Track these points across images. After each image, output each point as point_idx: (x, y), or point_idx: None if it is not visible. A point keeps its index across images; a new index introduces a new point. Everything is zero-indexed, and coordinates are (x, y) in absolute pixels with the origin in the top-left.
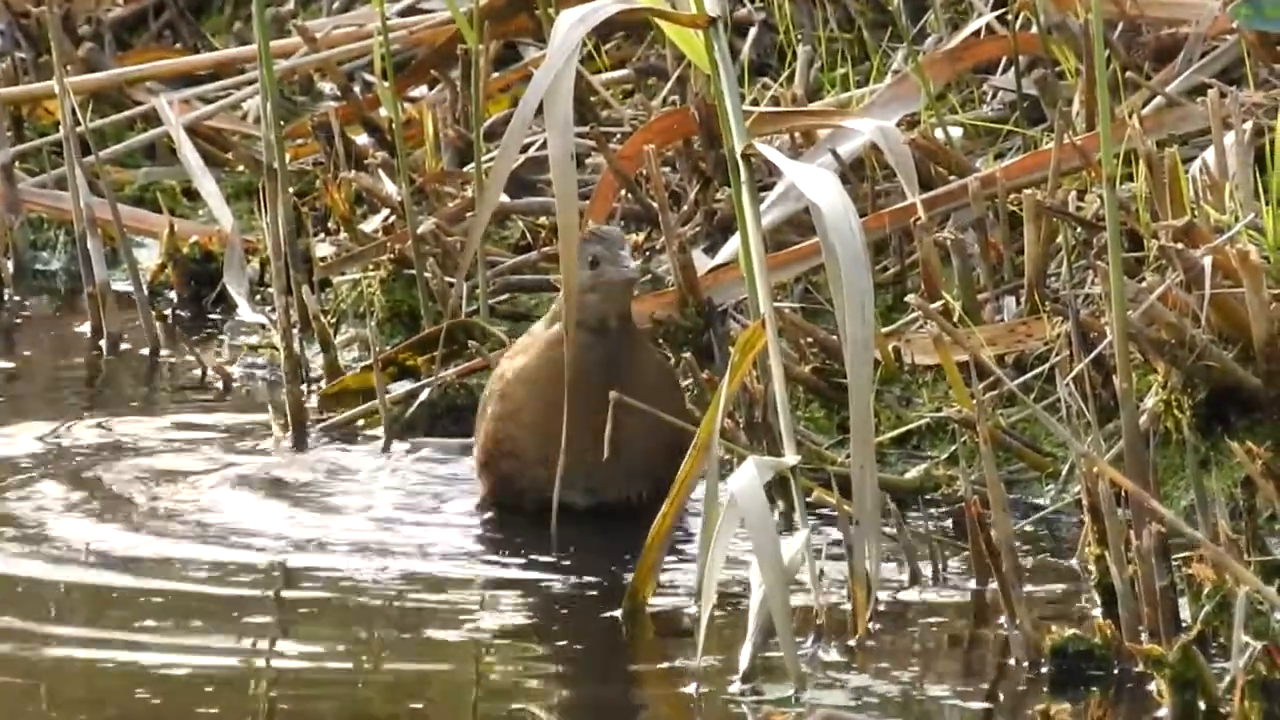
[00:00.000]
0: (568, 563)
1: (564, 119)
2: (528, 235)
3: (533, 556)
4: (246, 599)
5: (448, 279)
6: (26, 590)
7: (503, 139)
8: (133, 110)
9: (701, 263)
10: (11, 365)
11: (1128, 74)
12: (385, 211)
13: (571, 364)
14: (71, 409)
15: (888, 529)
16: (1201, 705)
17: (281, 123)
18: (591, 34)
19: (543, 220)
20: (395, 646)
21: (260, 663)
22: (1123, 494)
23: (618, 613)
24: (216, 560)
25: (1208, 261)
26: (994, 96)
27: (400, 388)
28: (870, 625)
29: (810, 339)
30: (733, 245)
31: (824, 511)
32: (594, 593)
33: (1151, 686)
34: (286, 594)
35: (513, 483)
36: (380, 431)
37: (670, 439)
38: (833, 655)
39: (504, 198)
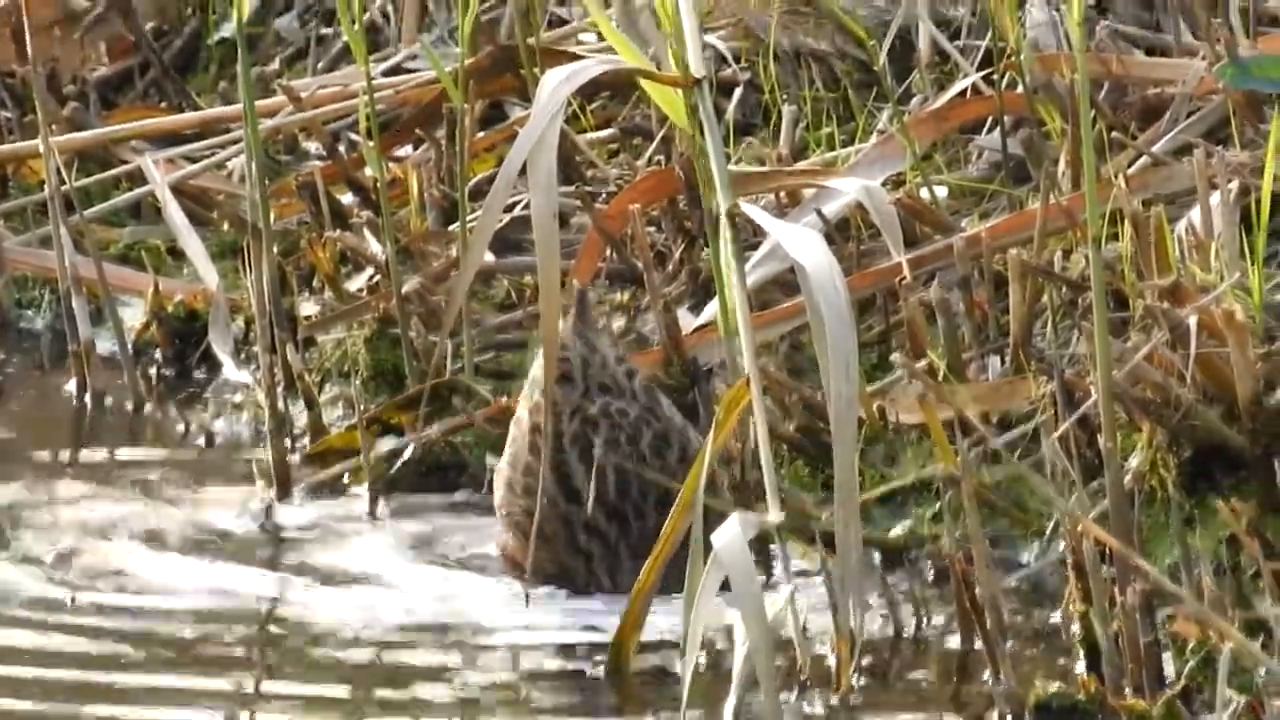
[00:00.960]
0: (552, 617)
1: (547, 178)
2: (513, 294)
3: (515, 615)
4: (228, 659)
5: (432, 338)
6: None
7: (486, 198)
8: (118, 169)
9: (686, 322)
10: None
11: (1113, 134)
12: (370, 270)
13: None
14: (54, 465)
15: (872, 586)
16: None
17: (266, 182)
18: (577, 94)
19: (528, 279)
20: (380, 704)
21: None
22: (1107, 551)
23: (602, 667)
24: (198, 619)
25: (1193, 321)
26: (979, 156)
27: (385, 445)
28: (854, 680)
29: (795, 397)
30: (717, 304)
31: (809, 568)
32: (579, 647)
33: None
34: (270, 652)
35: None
36: (365, 489)
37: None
38: (816, 709)
39: (489, 257)
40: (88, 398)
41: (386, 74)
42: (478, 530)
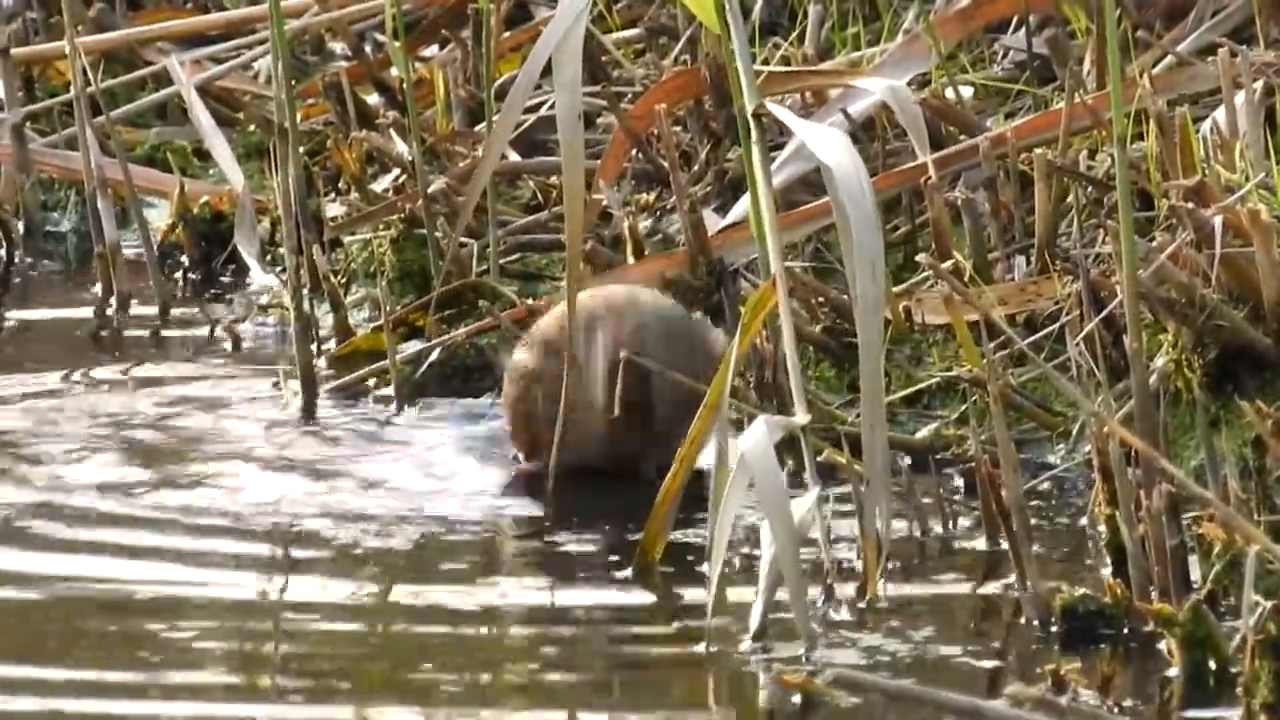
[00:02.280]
0: (578, 524)
1: (572, 78)
2: (539, 195)
3: (542, 519)
4: (252, 562)
5: (459, 239)
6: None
7: (508, 96)
8: (144, 70)
9: (712, 222)
10: (22, 323)
11: (1138, 33)
12: (396, 171)
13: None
14: (80, 366)
15: (898, 488)
16: (1212, 664)
17: (292, 83)
18: None
19: (554, 180)
20: (405, 611)
21: (268, 624)
22: (1133, 454)
23: (628, 572)
24: (220, 524)
25: (1218, 221)
26: (1005, 56)
27: (410, 348)
28: (881, 585)
29: (821, 298)
30: (744, 205)
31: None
32: (604, 553)
33: (1162, 646)
34: (295, 555)
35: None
36: (391, 391)
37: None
38: (844, 615)
39: (514, 157)
40: (113, 299)
41: None
42: (502, 432)
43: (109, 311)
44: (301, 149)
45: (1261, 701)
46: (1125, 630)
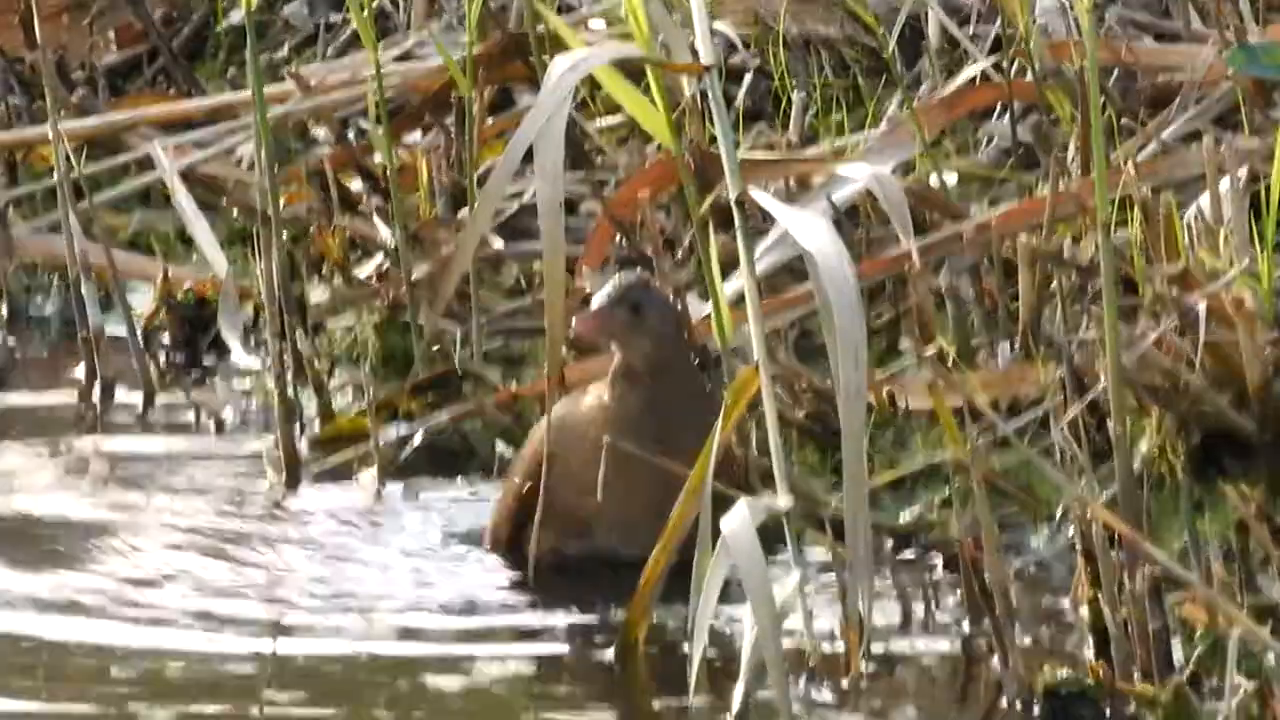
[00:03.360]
0: (560, 607)
1: (554, 166)
2: (522, 280)
3: (524, 601)
4: (235, 655)
5: (441, 324)
6: None
7: (487, 182)
8: (127, 156)
9: (697, 308)
10: (4, 408)
11: (1123, 120)
12: (379, 257)
13: (615, 415)
14: (63, 452)
15: (881, 572)
16: None
17: (275, 168)
18: (585, 81)
19: (537, 265)
20: (390, 690)
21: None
22: (1116, 537)
23: (610, 652)
24: (205, 610)
25: (1202, 307)
26: (989, 143)
27: (395, 432)
28: (863, 666)
29: (804, 383)
30: (727, 290)
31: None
32: (587, 635)
33: None
34: (280, 648)
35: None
36: (374, 476)
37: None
38: (826, 696)
39: (498, 243)
40: (97, 384)
41: (396, 60)
42: (486, 516)
43: (93, 396)
44: (285, 234)
45: None
46: (1108, 712)
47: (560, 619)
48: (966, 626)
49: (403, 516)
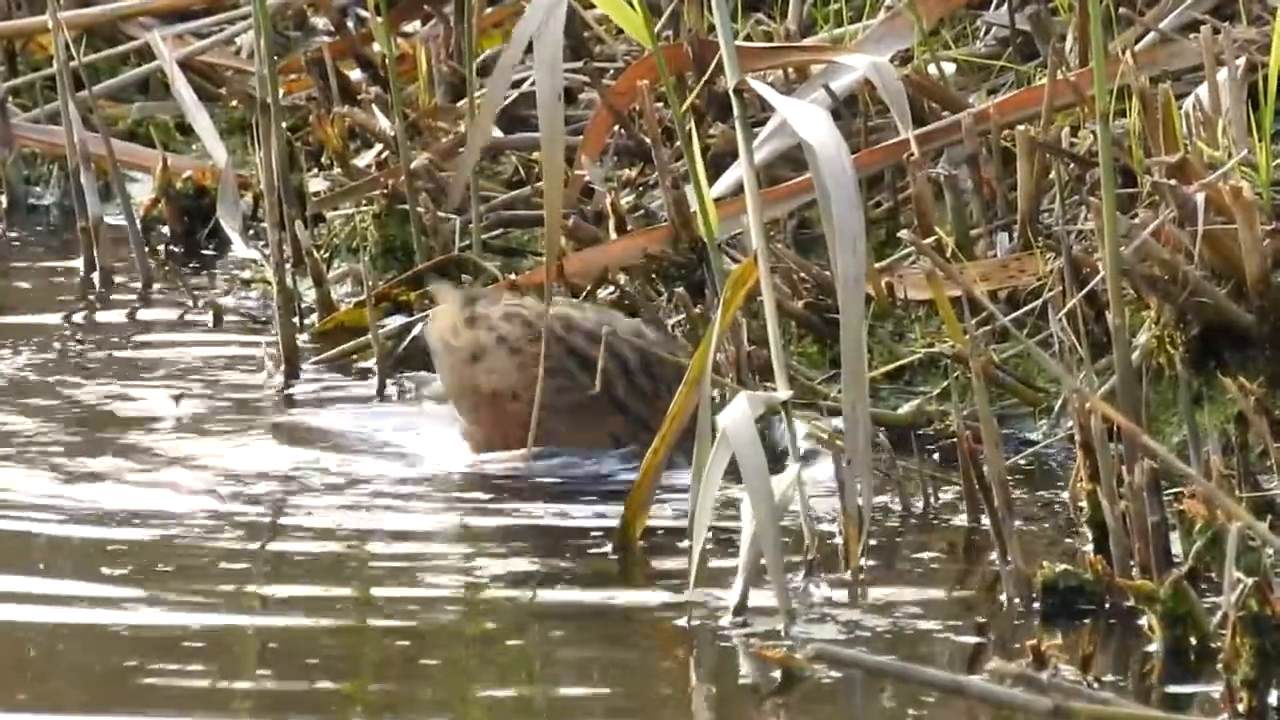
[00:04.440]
0: (558, 500)
1: (553, 56)
2: (521, 170)
3: (521, 497)
4: (231, 550)
5: (441, 214)
6: None
7: (492, 74)
8: (126, 45)
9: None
10: (4, 296)
11: (1121, 10)
12: (379, 146)
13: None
14: (63, 341)
15: (880, 464)
16: (1193, 641)
17: (275, 58)
18: None
19: (536, 155)
20: (386, 594)
21: (244, 619)
22: (1115, 430)
23: (609, 547)
24: (200, 507)
25: (1200, 197)
26: (987, 32)
27: (394, 323)
28: (862, 560)
29: (803, 274)
30: (726, 180)
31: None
32: (586, 529)
33: (1143, 622)
34: (273, 546)
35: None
36: (373, 366)
37: None
38: (824, 590)
39: (496, 133)
40: (96, 274)
41: None
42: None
43: (92, 284)
44: (284, 124)
45: (1242, 677)
46: (1106, 606)
47: (558, 512)
48: (965, 519)
49: (400, 406)
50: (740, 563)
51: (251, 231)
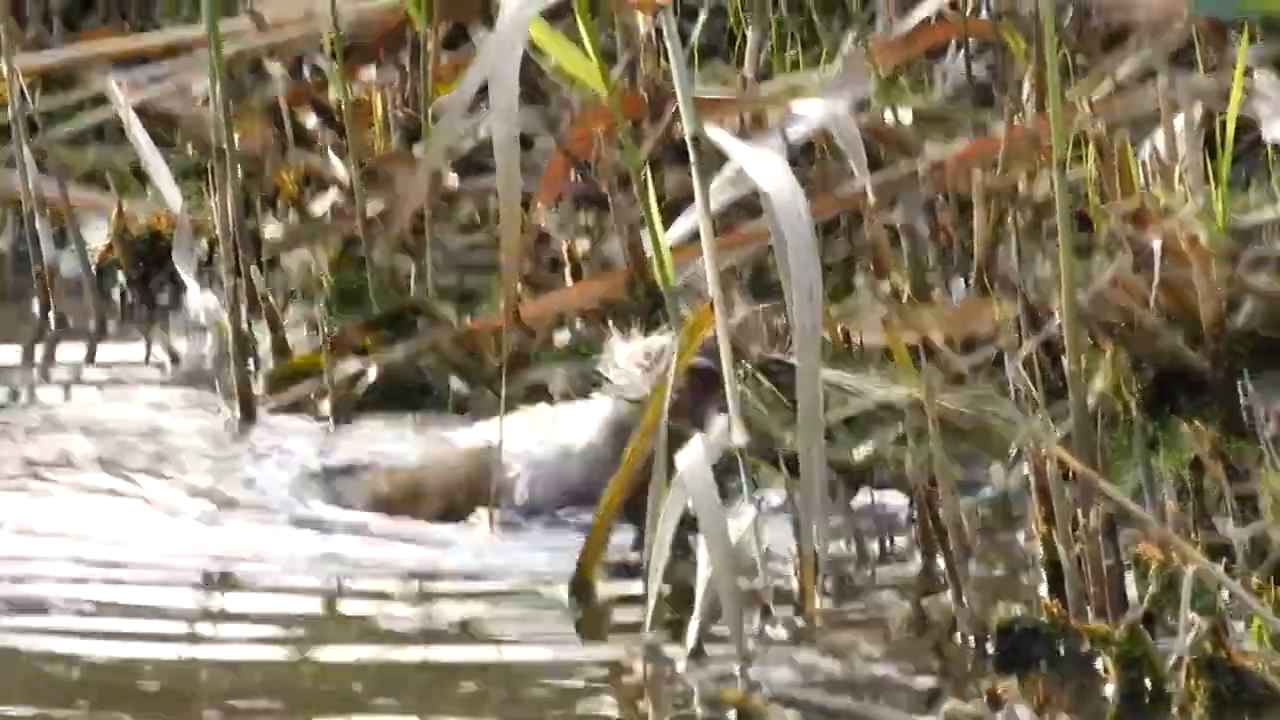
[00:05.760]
0: (516, 541)
1: (509, 103)
2: (477, 216)
3: (479, 536)
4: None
5: (396, 259)
6: None
7: (442, 118)
8: (82, 91)
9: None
10: None
11: (1078, 58)
12: (334, 192)
13: None
14: (14, 387)
15: (835, 509)
16: (1148, 683)
17: (230, 104)
18: (542, 16)
19: (493, 201)
20: (340, 629)
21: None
22: (1071, 474)
23: (565, 589)
24: (147, 560)
25: (1157, 245)
26: (944, 80)
27: (349, 368)
28: (818, 603)
29: (759, 321)
30: (681, 227)
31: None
32: (542, 573)
33: (1098, 664)
34: (225, 584)
35: None
36: (328, 411)
37: None
38: (780, 633)
39: (454, 179)
40: (51, 319)
41: None
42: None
43: (46, 331)
44: (239, 170)
45: None
46: (1061, 649)
47: (514, 560)
48: (920, 563)
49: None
50: (696, 606)
51: (207, 277)
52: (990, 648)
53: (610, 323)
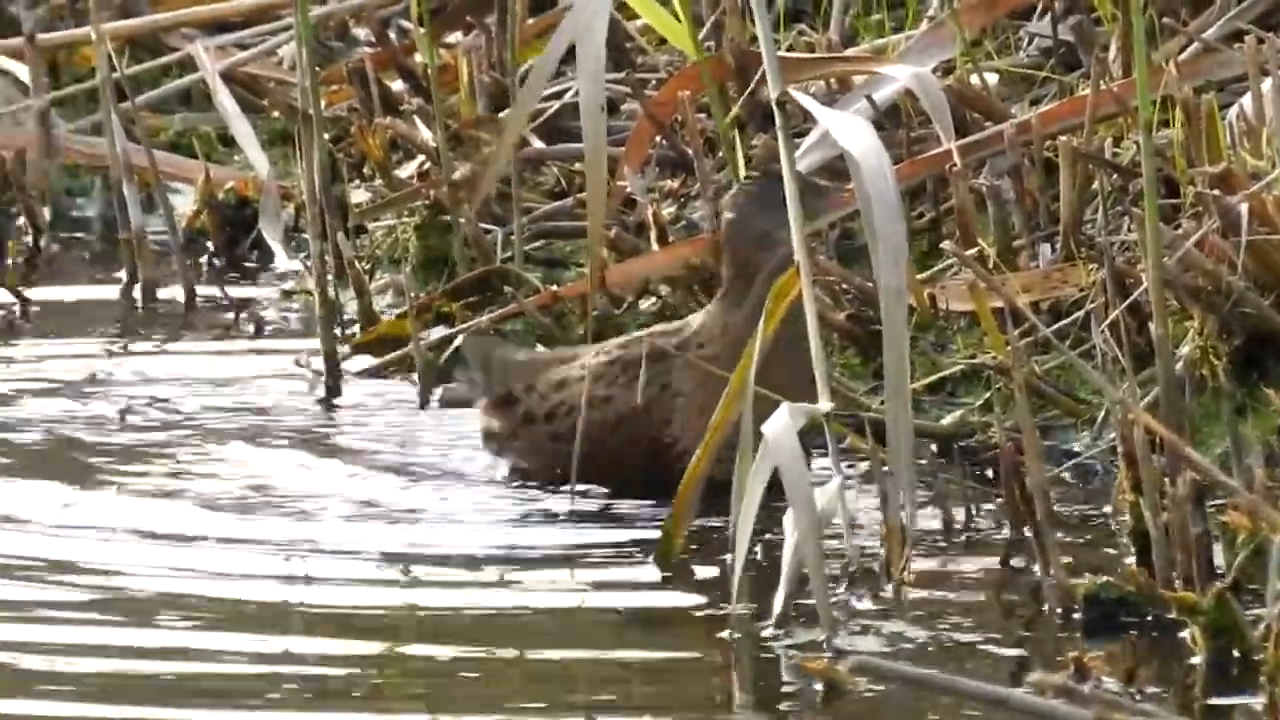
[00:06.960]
0: (600, 513)
1: (596, 66)
2: (562, 181)
3: (564, 512)
4: (266, 553)
5: (483, 225)
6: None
7: (526, 83)
8: (169, 57)
9: None
10: (48, 307)
11: (1164, 20)
12: (420, 157)
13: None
14: (104, 353)
15: (922, 477)
16: (1235, 653)
17: (317, 68)
18: None
19: (578, 166)
20: (424, 603)
21: (280, 625)
22: (1158, 441)
23: (651, 559)
24: (237, 519)
25: (1244, 208)
26: (1030, 43)
27: (435, 334)
28: (904, 573)
29: (845, 285)
30: None
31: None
32: (628, 540)
33: (1185, 634)
34: (313, 546)
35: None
36: (415, 378)
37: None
38: (866, 603)
39: (538, 143)
40: (138, 286)
41: None
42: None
43: (134, 297)
44: (326, 135)
45: None
46: (1149, 618)
47: (600, 525)
48: (1007, 531)
49: (441, 421)
50: (783, 574)
51: (293, 242)
52: (1077, 617)
53: (697, 287)
